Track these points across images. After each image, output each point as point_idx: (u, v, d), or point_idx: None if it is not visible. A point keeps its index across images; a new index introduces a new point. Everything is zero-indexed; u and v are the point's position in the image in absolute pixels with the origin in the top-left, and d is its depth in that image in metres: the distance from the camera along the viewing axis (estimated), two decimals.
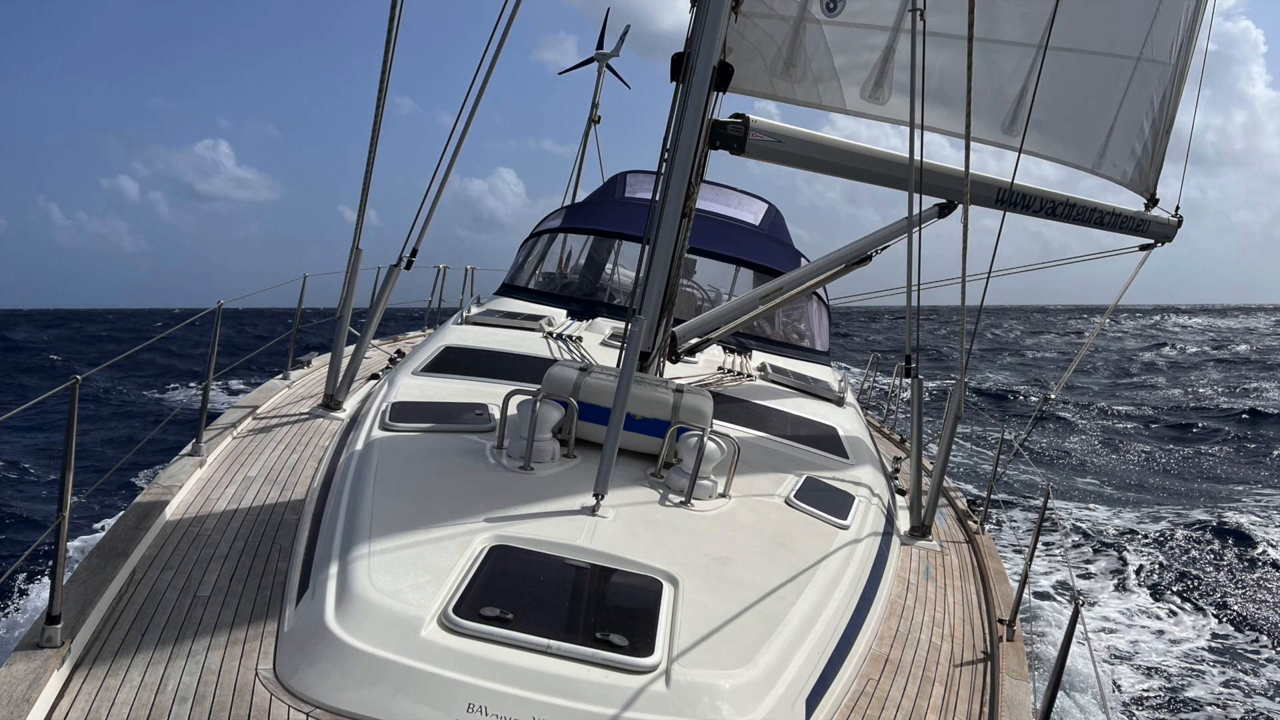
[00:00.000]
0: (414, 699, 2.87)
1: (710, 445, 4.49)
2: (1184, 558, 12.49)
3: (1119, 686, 8.57)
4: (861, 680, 3.80)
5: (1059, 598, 10.46)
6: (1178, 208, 8.14)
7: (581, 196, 13.66)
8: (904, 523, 5.80)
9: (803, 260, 8.76)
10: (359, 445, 4.64)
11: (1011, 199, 6.61)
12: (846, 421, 6.67)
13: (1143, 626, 10.12)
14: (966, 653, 4.27)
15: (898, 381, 10.70)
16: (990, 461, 13.83)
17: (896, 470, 7.21)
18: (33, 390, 23.40)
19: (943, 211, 6.54)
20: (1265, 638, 9.92)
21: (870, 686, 3.77)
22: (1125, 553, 12.42)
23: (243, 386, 23.09)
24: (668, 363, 6.35)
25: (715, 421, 5.00)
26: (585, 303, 8.59)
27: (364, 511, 3.78)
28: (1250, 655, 9.48)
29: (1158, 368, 42.53)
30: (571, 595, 3.38)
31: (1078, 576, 11.58)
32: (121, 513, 4.37)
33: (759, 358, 7.99)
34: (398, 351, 8.67)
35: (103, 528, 10.02)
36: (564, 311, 8.15)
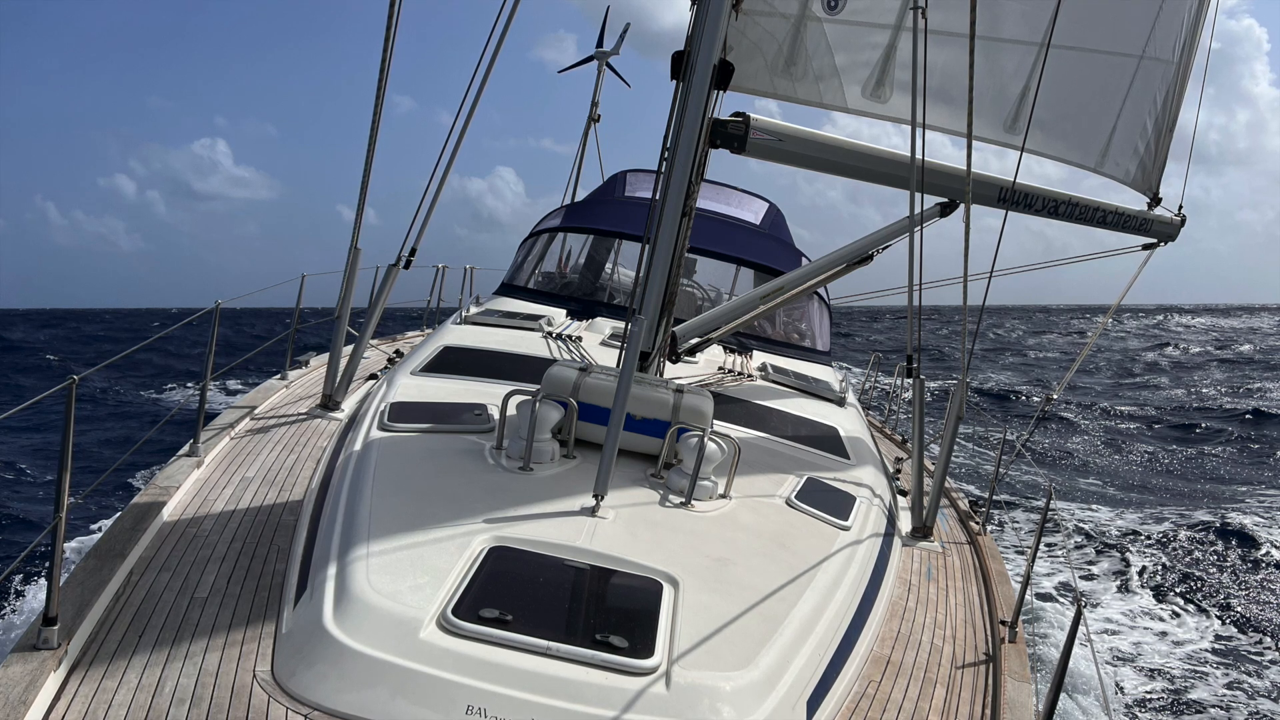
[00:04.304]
0: (412, 701, 2.85)
1: (710, 446, 4.46)
2: (1187, 559, 12.46)
3: (1121, 688, 8.55)
4: (863, 682, 3.77)
5: (1061, 599, 10.43)
6: (1180, 207, 8.11)
7: (581, 195, 13.66)
8: (905, 524, 5.78)
9: (803, 259, 8.74)
10: (357, 446, 4.61)
11: (1013, 198, 6.58)
12: (848, 422, 6.65)
13: (1145, 628, 10.10)
14: (968, 654, 4.24)
15: (899, 381, 10.68)
16: (992, 462, 13.81)
17: (898, 471, 7.18)
18: (29, 390, 23.38)
19: (944, 211, 6.52)
20: (1269, 639, 9.90)
21: (871, 688, 3.74)
22: (1128, 554, 12.39)
23: (241, 387, 23.06)
24: (668, 363, 6.32)
25: (716, 422, 4.97)
26: (585, 302, 8.57)
27: (362, 512, 3.75)
28: (1254, 657, 9.46)
29: (1160, 368, 42.52)
30: (571, 596, 3.35)
31: (1080, 578, 11.56)
32: (119, 514, 4.35)
33: (759, 358, 7.96)
34: (396, 351, 8.64)
35: (100, 529, 10.00)
36: (563, 311, 8.13)
